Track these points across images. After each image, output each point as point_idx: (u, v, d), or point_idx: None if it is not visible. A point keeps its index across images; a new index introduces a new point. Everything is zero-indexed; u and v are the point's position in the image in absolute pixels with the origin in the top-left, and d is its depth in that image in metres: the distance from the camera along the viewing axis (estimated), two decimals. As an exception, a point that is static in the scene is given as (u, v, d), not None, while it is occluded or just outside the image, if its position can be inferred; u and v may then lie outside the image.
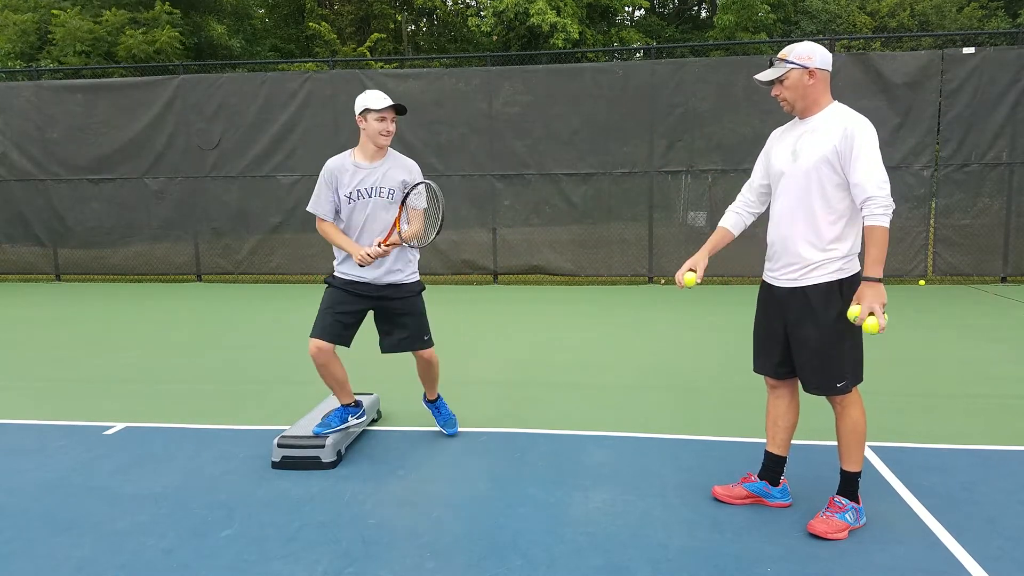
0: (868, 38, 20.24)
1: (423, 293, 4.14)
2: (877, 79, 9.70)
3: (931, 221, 10.02)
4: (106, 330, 7.87)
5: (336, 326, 3.89)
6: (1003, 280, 10.02)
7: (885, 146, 10.59)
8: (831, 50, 10.19)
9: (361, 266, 3.77)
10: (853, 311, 2.87)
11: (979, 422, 4.50)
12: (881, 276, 2.86)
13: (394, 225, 3.83)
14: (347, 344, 3.97)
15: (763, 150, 3.34)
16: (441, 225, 3.85)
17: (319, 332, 3.87)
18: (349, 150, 3.99)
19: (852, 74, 9.71)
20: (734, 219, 3.41)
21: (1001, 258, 9.99)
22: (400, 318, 4.02)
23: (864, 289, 2.86)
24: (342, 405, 4.08)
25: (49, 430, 4.54)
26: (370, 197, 3.86)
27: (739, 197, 3.43)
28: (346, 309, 3.93)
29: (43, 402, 5.16)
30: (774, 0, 22.23)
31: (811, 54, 3.02)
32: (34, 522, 3.30)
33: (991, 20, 22.80)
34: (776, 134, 3.29)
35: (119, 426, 4.58)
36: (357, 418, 4.13)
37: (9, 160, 11.36)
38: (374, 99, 3.80)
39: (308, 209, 3.98)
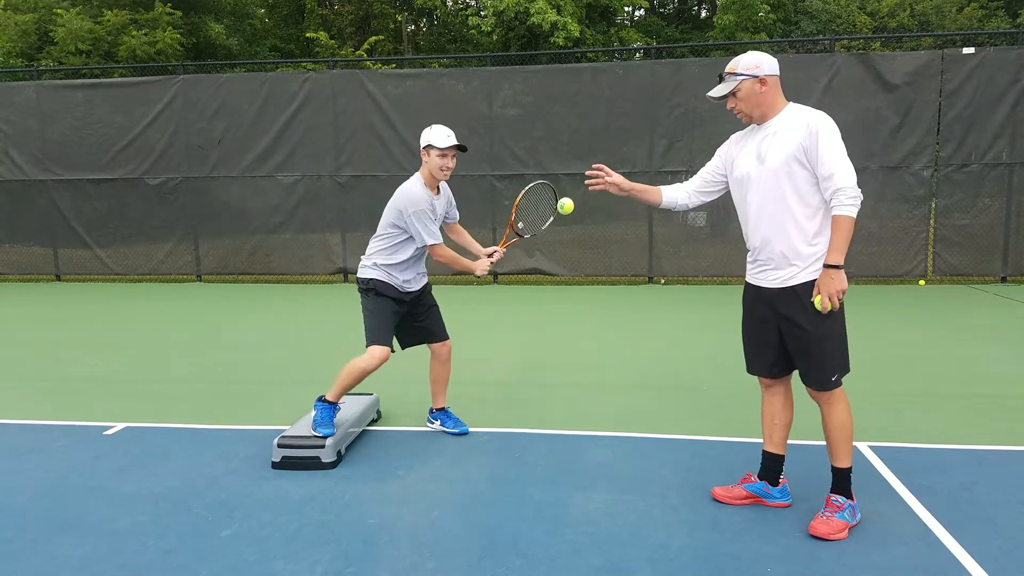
0: (868, 38, 20.22)
1: None
2: (877, 79, 9.69)
3: (931, 221, 10.01)
4: (106, 330, 7.87)
5: (393, 333, 4.21)
6: (1003, 280, 10.02)
7: (885, 146, 10.62)
8: (831, 50, 10.21)
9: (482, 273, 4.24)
10: (815, 300, 3.01)
11: (979, 422, 4.50)
12: (840, 264, 2.96)
13: (509, 226, 4.38)
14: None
15: (718, 151, 3.43)
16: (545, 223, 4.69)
17: (386, 340, 4.09)
18: (416, 178, 4.13)
19: (852, 74, 9.70)
20: (674, 193, 3.55)
21: (1001, 258, 9.98)
22: (428, 312, 4.36)
23: (822, 277, 2.99)
24: (328, 403, 4.03)
25: (49, 430, 4.55)
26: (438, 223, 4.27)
27: (694, 181, 3.53)
28: (400, 315, 4.22)
29: (43, 402, 5.16)
30: (774, 0, 22.22)
31: (759, 63, 3.09)
32: (34, 522, 3.30)
33: (991, 20, 22.80)
34: (735, 138, 3.37)
35: (119, 426, 4.58)
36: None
37: (9, 160, 11.36)
38: (438, 137, 4.04)
39: (430, 241, 4.07)
